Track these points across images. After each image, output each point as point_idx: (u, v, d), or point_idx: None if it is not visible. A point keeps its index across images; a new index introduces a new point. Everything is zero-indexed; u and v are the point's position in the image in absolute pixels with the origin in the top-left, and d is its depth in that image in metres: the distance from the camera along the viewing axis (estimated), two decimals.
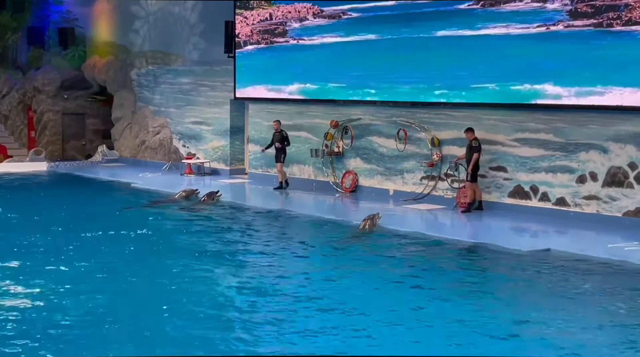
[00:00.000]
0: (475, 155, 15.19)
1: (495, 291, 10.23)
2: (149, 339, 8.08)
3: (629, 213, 13.99)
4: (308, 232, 14.34)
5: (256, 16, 20.48)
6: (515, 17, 15.18)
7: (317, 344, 8.01)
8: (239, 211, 16.53)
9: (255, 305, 9.47)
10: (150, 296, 9.82)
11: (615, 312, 9.18)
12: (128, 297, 9.74)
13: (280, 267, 11.37)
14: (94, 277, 10.59)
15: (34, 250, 12.18)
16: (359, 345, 7.99)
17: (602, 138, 14.35)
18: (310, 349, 7.88)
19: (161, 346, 7.91)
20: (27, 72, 27.56)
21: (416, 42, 16.91)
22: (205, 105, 22.91)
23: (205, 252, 12.30)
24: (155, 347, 7.87)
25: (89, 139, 27.08)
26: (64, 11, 27.09)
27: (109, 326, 8.47)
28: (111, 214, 15.81)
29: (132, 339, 8.09)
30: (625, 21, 13.59)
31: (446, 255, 12.46)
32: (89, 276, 10.63)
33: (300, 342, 8.05)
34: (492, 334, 8.27)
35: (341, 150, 18.90)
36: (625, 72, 13.69)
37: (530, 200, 15.37)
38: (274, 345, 8.01)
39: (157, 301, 9.46)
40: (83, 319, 8.70)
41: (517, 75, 15.21)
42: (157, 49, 24.61)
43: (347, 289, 10.16)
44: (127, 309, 9.23)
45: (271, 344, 8.05)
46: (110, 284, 10.28)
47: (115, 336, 8.19)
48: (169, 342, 8.02)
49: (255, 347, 7.91)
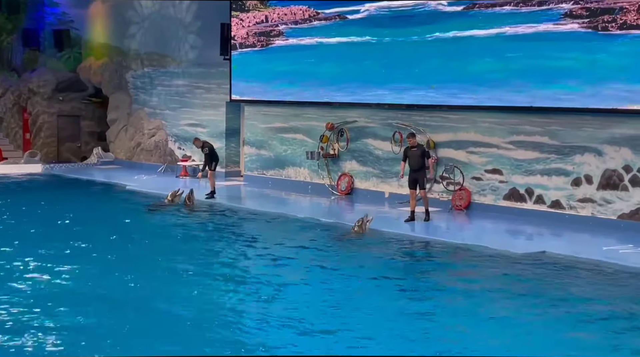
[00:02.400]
0: (431, 160, 14.98)
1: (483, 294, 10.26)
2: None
3: (623, 216, 14.00)
4: (298, 234, 14.26)
5: (252, 18, 20.47)
6: (511, 19, 15.19)
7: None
8: (230, 214, 16.54)
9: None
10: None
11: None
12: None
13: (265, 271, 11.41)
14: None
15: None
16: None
17: (597, 141, 14.36)
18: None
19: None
20: (23, 74, 27.50)
21: (412, 45, 16.90)
22: (201, 108, 22.89)
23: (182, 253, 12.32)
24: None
25: (84, 141, 27.02)
26: (60, 13, 27.05)
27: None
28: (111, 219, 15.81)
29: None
30: (620, 24, 13.61)
31: (437, 257, 12.48)
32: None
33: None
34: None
35: (337, 153, 18.90)
36: (621, 76, 13.70)
37: (525, 203, 15.38)
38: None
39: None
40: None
41: (513, 77, 15.21)
42: (153, 51, 24.58)
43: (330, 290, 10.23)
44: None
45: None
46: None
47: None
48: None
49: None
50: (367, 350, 7.98)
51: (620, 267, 11.36)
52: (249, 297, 10.03)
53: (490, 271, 11.43)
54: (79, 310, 9.09)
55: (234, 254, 12.81)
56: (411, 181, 14.81)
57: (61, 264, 11.34)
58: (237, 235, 14.28)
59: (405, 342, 8.22)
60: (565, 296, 9.97)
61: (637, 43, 13.44)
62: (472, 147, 16.23)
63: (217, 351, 7.86)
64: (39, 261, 11.54)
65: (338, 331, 8.52)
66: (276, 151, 20.39)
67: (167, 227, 15.08)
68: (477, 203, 16.05)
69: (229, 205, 17.46)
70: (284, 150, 20.18)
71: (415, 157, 14.68)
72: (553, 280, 10.84)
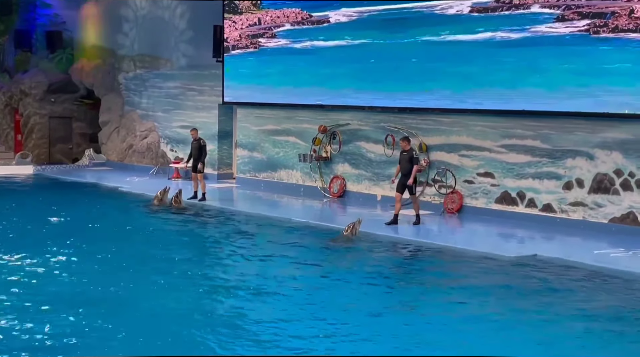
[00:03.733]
0: (415, 167, 14.62)
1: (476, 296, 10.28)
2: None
3: (614, 220, 14.05)
4: (287, 237, 14.24)
5: (245, 21, 20.48)
6: (503, 23, 15.23)
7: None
8: (221, 216, 16.52)
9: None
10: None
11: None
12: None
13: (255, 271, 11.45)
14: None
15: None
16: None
17: (589, 145, 14.42)
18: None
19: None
20: (14, 75, 27.42)
21: (405, 48, 16.94)
22: (193, 110, 22.87)
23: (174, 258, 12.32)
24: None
25: (76, 142, 26.96)
26: (52, 14, 27.00)
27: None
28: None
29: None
30: (611, 28, 13.66)
31: (428, 261, 12.50)
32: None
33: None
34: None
35: (329, 156, 18.91)
36: (613, 80, 13.76)
37: (517, 206, 15.42)
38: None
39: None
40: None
41: (505, 81, 15.26)
42: (145, 52, 24.55)
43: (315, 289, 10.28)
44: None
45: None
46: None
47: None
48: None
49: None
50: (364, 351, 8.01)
51: (611, 271, 11.39)
52: (229, 299, 10.04)
53: (481, 274, 11.46)
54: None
55: (221, 256, 12.81)
56: (399, 185, 14.81)
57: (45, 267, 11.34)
58: (227, 237, 14.26)
59: (394, 342, 8.24)
60: (556, 300, 10.01)
61: (629, 47, 13.50)
62: (464, 151, 16.27)
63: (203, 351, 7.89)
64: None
65: (327, 335, 8.51)
66: (269, 154, 20.39)
67: (152, 230, 15.04)
68: (469, 206, 16.08)
69: (221, 207, 17.43)
70: (277, 153, 20.18)
71: (404, 162, 14.69)
72: (545, 283, 10.87)
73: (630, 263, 11.73)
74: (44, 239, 13.42)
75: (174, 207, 17.20)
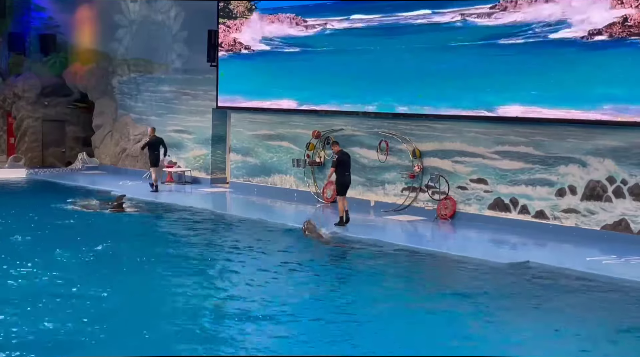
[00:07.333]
0: (331, 169, 15.46)
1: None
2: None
3: (607, 227, 14.09)
4: (277, 241, 14.23)
5: (239, 25, 20.49)
6: (498, 30, 15.29)
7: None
8: (213, 220, 16.50)
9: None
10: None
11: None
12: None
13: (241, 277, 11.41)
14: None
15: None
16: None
17: (582, 152, 14.47)
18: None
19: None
20: (7, 78, 27.36)
21: (398, 55, 16.98)
22: (187, 114, 22.86)
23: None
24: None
25: (69, 146, 26.91)
26: (46, 18, 26.96)
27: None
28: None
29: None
30: (607, 36, 13.71)
31: (421, 266, 12.49)
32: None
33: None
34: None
35: (323, 161, 18.92)
36: (606, 87, 13.81)
37: (510, 212, 15.45)
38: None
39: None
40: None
41: (499, 88, 15.31)
42: (140, 56, 24.54)
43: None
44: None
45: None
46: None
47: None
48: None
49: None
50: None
51: (602, 278, 11.42)
52: (209, 297, 10.07)
53: (473, 280, 11.47)
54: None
55: (209, 257, 12.77)
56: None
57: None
58: (217, 240, 14.23)
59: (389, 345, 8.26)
60: (546, 305, 10.03)
61: (623, 55, 13.56)
62: (457, 157, 16.30)
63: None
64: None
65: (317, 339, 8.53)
66: (262, 158, 20.39)
67: (118, 230, 15.00)
68: (462, 212, 16.11)
69: (214, 211, 17.42)
70: (270, 158, 20.19)
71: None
72: (538, 291, 10.89)
73: (622, 270, 11.76)
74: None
75: (119, 210, 17.09)
